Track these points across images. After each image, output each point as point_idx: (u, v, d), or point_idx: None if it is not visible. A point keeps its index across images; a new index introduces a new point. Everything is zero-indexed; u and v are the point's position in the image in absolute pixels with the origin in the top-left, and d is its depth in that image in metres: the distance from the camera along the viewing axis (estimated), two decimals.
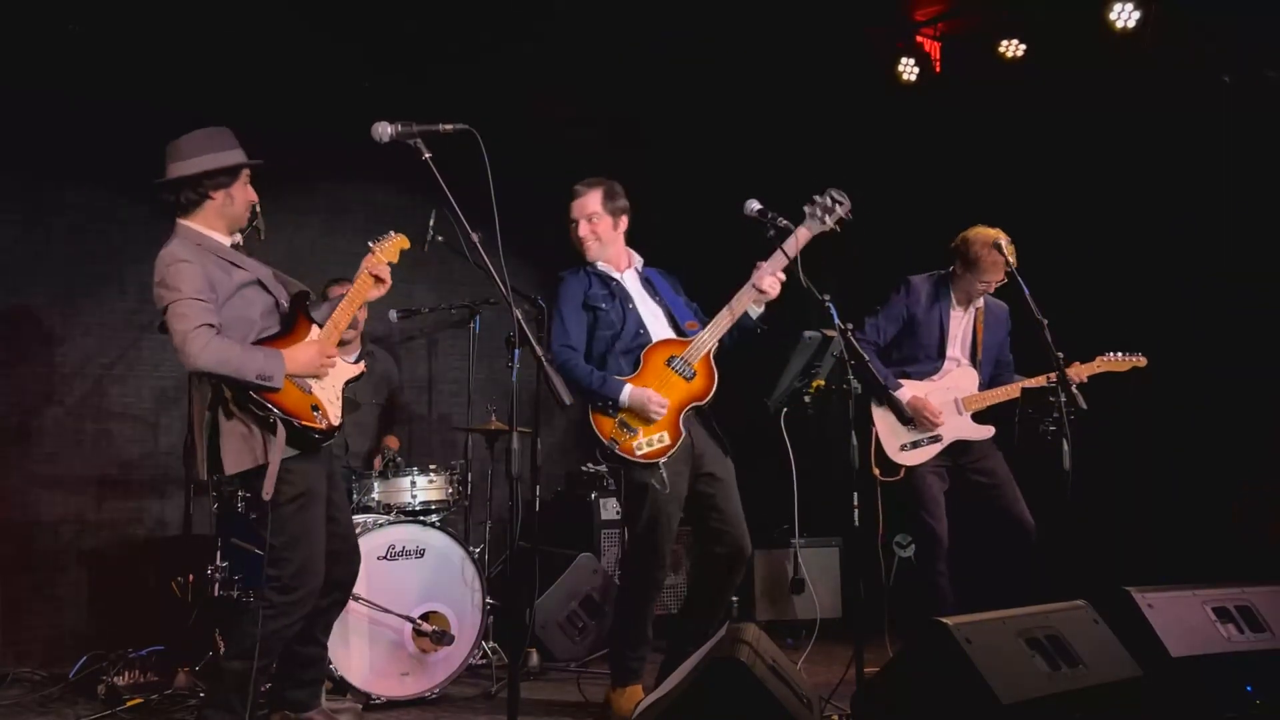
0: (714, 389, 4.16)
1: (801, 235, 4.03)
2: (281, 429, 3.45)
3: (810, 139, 6.42)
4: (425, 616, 4.44)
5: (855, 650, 3.70)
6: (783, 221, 3.95)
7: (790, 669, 3.47)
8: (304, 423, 3.51)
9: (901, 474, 4.69)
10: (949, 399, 4.75)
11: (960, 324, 4.83)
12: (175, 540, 5.33)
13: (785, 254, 4.00)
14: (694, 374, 4.14)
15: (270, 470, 3.43)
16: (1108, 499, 5.01)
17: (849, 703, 3.72)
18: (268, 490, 3.42)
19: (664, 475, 4.04)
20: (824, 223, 4.03)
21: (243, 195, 3.64)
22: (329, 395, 3.65)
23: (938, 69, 6.22)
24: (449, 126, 3.24)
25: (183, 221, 3.60)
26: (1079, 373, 4.59)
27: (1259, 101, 5.07)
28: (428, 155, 3.24)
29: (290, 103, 5.55)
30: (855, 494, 3.84)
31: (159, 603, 4.85)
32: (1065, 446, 4.03)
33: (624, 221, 4.34)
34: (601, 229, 4.27)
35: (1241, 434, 5.12)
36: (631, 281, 4.34)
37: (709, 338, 4.13)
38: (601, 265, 4.32)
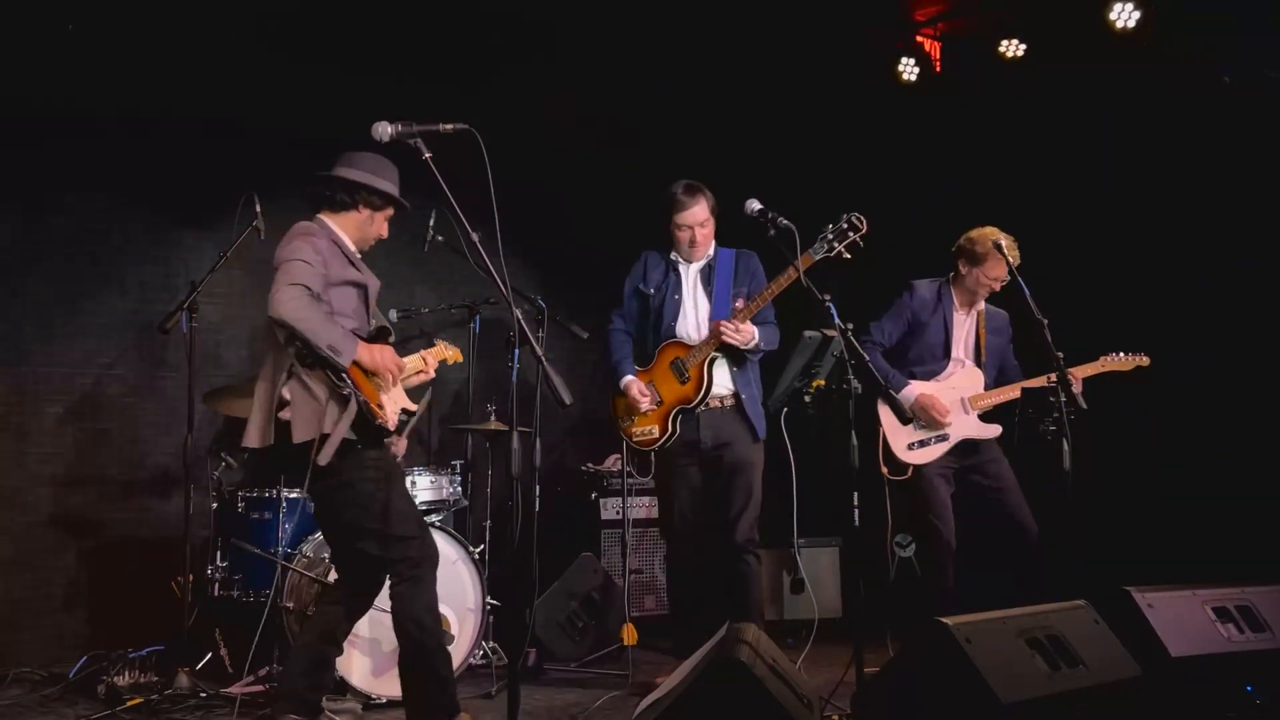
0: (701, 394, 4.39)
1: (799, 266, 3.84)
2: (353, 404, 3.47)
3: (810, 139, 6.43)
4: None
5: (855, 650, 3.69)
6: (783, 221, 3.93)
7: (790, 669, 3.47)
8: (373, 407, 3.54)
9: (910, 472, 4.71)
10: (955, 398, 4.75)
11: (963, 327, 4.86)
12: (175, 540, 5.31)
13: (770, 291, 4.27)
14: (688, 378, 4.40)
15: (332, 439, 3.44)
16: (1108, 499, 5.01)
17: (849, 703, 3.72)
18: (325, 456, 3.42)
19: (652, 462, 4.32)
20: (832, 248, 4.08)
21: (380, 224, 3.82)
22: (391, 407, 3.70)
23: (938, 69, 6.22)
24: (449, 126, 3.25)
25: (323, 216, 3.74)
26: (1078, 375, 4.55)
27: (1259, 100, 5.07)
28: (428, 155, 3.24)
29: (291, 103, 5.55)
30: (855, 494, 3.83)
31: (159, 603, 4.84)
32: (1065, 446, 4.02)
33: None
34: (709, 232, 4.51)
35: (1241, 433, 5.12)
36: (692, 272, 4.56)
37: (700, 353, 4.39)
38: (674, 253, 4.58)
